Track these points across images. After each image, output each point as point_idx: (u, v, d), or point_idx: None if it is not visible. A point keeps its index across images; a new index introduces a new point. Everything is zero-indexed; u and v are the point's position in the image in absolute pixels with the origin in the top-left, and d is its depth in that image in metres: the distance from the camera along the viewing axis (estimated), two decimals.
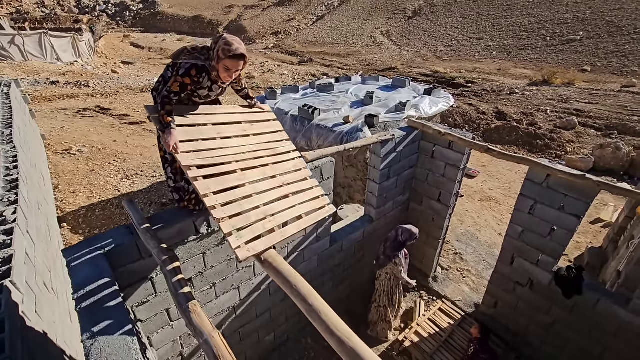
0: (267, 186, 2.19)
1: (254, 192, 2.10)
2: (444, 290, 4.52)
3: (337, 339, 1.46)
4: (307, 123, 5.44)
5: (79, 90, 12.65)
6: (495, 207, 6.75)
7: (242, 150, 2.29)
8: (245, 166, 2.21)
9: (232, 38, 2.07)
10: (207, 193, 1.94)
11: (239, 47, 2.04)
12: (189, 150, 2.06)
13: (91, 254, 2.07)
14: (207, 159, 2.09)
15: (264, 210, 2.06)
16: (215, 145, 2.20)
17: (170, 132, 2.00)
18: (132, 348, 1.52)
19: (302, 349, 3.79)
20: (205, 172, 2.02)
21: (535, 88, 14.59)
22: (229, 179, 2.07)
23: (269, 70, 18.59)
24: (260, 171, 2.25)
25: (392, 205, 4.20)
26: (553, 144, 10.01)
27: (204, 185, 1.96)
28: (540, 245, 3.31)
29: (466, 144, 3.50)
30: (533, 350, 3.69)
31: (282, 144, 2.56)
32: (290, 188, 2.29)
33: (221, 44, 2.04)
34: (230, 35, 2.11)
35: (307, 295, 1.66)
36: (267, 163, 2.34)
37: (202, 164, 2.05)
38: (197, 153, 2.08)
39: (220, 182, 2.02)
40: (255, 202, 2.06)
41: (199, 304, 1.63)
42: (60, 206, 5.98)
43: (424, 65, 19.64)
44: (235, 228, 1.87)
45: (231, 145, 2.26)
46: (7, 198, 3.32)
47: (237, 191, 2.05)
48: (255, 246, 1.87)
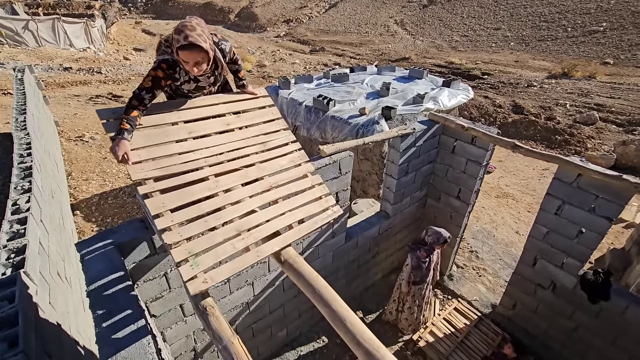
0: (249, 192, 1.86)
1: (228, 202, 1.77)
2: (459, 289, 4.41)
3: (365, 350, 1.37)
4: (321, 114, 5.31)
5: (91, 76, 12.66)
6: (512, 204, 6.56)
7: (220, 150, 1.94)
8: (221, 170, 1.87)
9: (185, 24, 1.69)
10: (160, 212, 1.60)
11: (189, 34, 1.65)
12: (146, 159, 1.73)
13: (105, 248, 2.01)
14: (167, 167, 1.75)
15: (238, 224, 1.73)
16: (184, 148, 1.86)
17: (118, 140, 1.64)
18: (147, 352, 1.45)
19: (314, 345, 3.74)
20: (163, 184, 1.69)
21: (555, 81, 14.12)
22: (194, 190, 1.74)
23: (280, 59, 18.36)
24: (241, 174, 1.91)
25: (409, 201, 4.08)
26: (572, 139, 9.69)
27: (157, 202, 1.63)
28: (566, 247, 3.16)
29: (491, 139, 3.34)
30: (553, 355, 3.57)
31: (276, 136, 2.18)
32: (281, 191, 1.95)
33: (172, 34, 1.70)
34: (189, 19, 1.73)
35: (330, 300, 1.57)
36: (253, 162, 1.99)
37: (160, 174, 1.72)
38: (155, 162, 1.74)
39: (182, 196, 1.70)
40: (227, 216, 1.73)
41: (217, 307, 1.55)
42: (74, 193, 6.00)
43: (439, 55, 19.17)
44: (192, 254, 1.55)
45: (206, 145, 1.92)
46: (21, 186, 3.29)
47: (205, 204, 1.71)
48: (216, 275, 1.55)
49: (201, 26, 1.75)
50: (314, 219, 1.93)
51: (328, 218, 1.97)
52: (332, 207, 2.02)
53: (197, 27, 1.71)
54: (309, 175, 2.11)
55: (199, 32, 1.70)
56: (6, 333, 1.94)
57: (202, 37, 1.71)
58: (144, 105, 1.79)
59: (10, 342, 1.93)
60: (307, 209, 1.94)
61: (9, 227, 2.72)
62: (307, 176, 2.10)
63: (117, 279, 1.88)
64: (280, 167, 2.05)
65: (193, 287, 1.49)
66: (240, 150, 2.00)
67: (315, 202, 2.00)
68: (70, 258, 3.83)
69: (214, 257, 1.60)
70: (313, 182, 2.08)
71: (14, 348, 1.89)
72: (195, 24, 1.73)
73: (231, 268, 1.61)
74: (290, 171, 2.07)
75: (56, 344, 2.42)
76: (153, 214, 1.61)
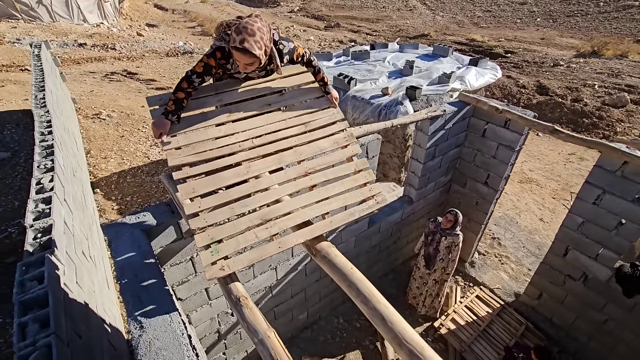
0: (281, 178, 1.76)
1: (257, 188, 1.70)
2: (481, 277, 4.32)
3: (408, 351, 1.29)
4: (342, 94, 5.12)
5: (106, 53, 12.55)
6: (537, 190, 6.35)
7: (257, 133, 1.85)
8: (255, 155, 1.79)
9: (247, 26, 1.64)
10: (191, 197, 1.59)
11: (246, 38, 1.62)
12: (184, 144, 1.71)
13: (132, 233, 1.97)
14: (203, 153, 1.72)
15: (265, 212, 1.65)
16: (222, 132, 1.81)
17: (161, 120, 1.69)
18: (182, 343, 1.41)
19: (333, 328, 3.75)
20: (196, 170, 1.68)
21: (583, 60, 13.39)
22: (225, 176, 1.69)
23: (294, 36, 17.86)
24: (275, 159, 1.81)
25: (433, 186, 3.94)
26: (601, 122, 9.24)
27: (188, 188, 1.62)
28: (602, 238, 3.01)
29: (527, 123, 3.14)
30: (579, 346, 3.49)
31: (321, 114, 2.01)
32: (318, 177, 1.81)
33: (233, 29, 1.67)
34: (253, 20, 1.68)
35: (369, 296, 1.49)
36: (291, 145, 1.87)
37: (195, 160, 1.70)
38: (192, 147, 1.72)
39: (212, 182, 1.66)
40: (255, 203, 1.66)
41: (250, 299, 1.49)
42: (93, 172, 6.04)
43: (459, 32, 18.34)
44: (215, 240, 1.53)
45: (243, 128, 1.85)
46: (44, 165, 3.27)
47: (233, 191, 1.67)
48: (234, 263, 1.51)
49: (262, 31, 1.69)
50: (352, 210, 1.77)
51: (369, 209, 1.79)
52: (376, 197, 1.83)
53: (256, 33, 1.66)
54: (354, 159, 1.92)
55: (257, 39, 1.66)
56: (37, 314, 1.94)
57: (259, 44, 1.67)
58: (193, 88, 1.78)
59: (41, 322, 1.94)
60: (346, 198, 1.78)
61: (34, 207, 2.71)
62: (352, 160, 1.92)
63: (146, 265, 1.85)
64: (320, 150, 1.89)
65: (210, 273, 1.47)
66: (278, 133, 1.88)
67: (356, 190, 1.83)
68: (93, 237, 3.87)
69: (235, 244, 1.56)
70: (358, 167, 1.90)
71: (45, 329, 1.90)
72: (256, 28, 1.67)
73: (251, 257, 1.55)
74: (333, 154, 1.90)
75: (84, 323, 2.44)
76: (183, 199, 1.58)
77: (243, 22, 1.68)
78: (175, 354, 1.39)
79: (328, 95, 2.07)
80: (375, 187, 1.87)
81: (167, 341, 1.44)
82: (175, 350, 1.40)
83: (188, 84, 1.75)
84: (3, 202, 4.26)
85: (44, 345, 1.80)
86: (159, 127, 1.68)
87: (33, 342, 1.81)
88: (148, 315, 1.55)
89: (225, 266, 1.50)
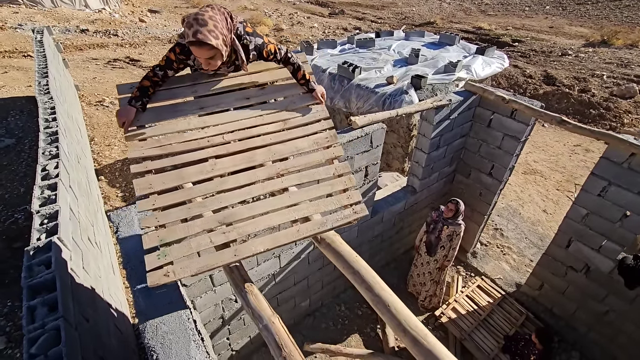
0: (249, 179, 1.62)
1: (220, 189, 1.56)
2: (482, 267, 4.34)
3: (412, 338, 1.31)
4: (346, 82, 5.07)
5: (108, 39, 12.45)
6: (541, 182, 6.31)
7: (230, 128, 1.71)
8: (225, 151, 1.65)
9: (197, 17, 1.51)
10: (145, 193, 1.46)
11: (199, 29, 1.48)
12: (149, 136, 1.60)
13: (137, 220, 1.98)
14: (168, 145, 1.60)
15: (225, 215, 1.50)
16: (191, 125, 1.69)
17: (126, 108, 1.60)
18: (188, 328, 1.43)
19: (335, 316, 3.80)
20: (157, 164, 1.56)
21: (592, 49, 13.15)
22: (187, 173, 1.56)
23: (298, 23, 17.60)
24: (245, 157, 1.66)
25: (437, 176, 3.93)
26: (608, 114, 9.12)
27: (144, 183, 1.49)
28: (606, 230, 3.00)
29: (534, 113, 3.10)
30: (578, 336, 3.53)
31: (302, 112, 1.87)
32: (291, 179, 1.66)
33: (184, 23, 1.53)
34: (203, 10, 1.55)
35: (373, 284, 1.50)
36: (265, 143, 1.72)
37: (158, 153, 1.57)
38: (157, 139, 1.60)
39: (172, 178, 1.54)
40: (215, 204, 1.52)
41: (255, 285, 1.51)
42: (97, 159, 6.06)
43: (466, 20, 18.01)
44: (164, 242, 1.39)
45: (215, 122, 1.72)
46: (49, 151, 3.28)
47: (196, 189, 1.54)
48: (180, 270, 1.37)
49: (214, 20, 1.55)
50: (326, 218, 1.59)
51: (346, 219, 1.62)
52: (355, 206, 1.66)
53: (208, 22, 1.52)
54: (335, 162, 1.77)
55: (210, 28, 1.51)
56: (45, 298, 1.98)
57: (214, 33, 1.52)
58: (158, 79, 1.70)
59: (50, 306, 1.97)
60: (320, 204, 1.63)
61: (40, 193, 2.74)
62: (332, 162, 1.77)
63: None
64: (298, 150, 1.74)
65: (152, 279, 1.31)
66: (253, 129, 1.74)
67: (334, 197, 1.67)
68: (98, 223, 3.91)
69: (186, 249, 1.40)
70: (338, 171, 1.74)
71: (53, 312, 1.94)
72: (207, 17, 1.53)
73: (201, 265, 1.39)
74: (311, 155, 1.75)
75: (91, 307, 2.49)
76: (138, 195, 1.47)
77: (193, 13, 1.54)
78: (181, 338, 1.41)
79: (313, 93, 1.92)
80: (355, 195, 1.71)
81: (173, 326, 1.47)
82: (182, 335, 1.42)
83: (153, 75, 1.69)
84: (9, 188, 4.30)
85: (52, 329, 1.84)
86: (122, 115, 1.60)
87: (42, 325, 1.85)
88: (154, 300, 1.58)
89: (171, 272, 1.35)
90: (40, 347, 1.74)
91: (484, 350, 3.37)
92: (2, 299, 3.15)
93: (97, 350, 2.17)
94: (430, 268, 3.61)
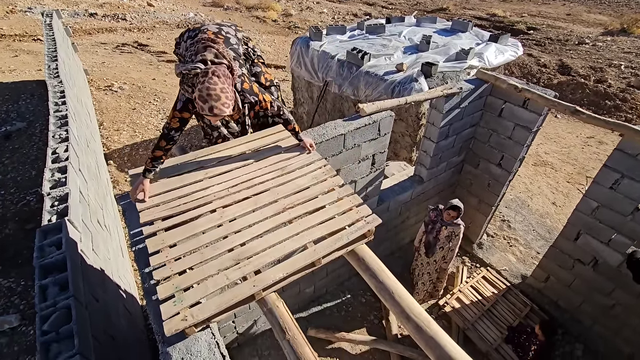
0: (257, 218, 1.70)
1: (230, 231, 1.62)
2: (488, 258, 4.32)
3: (415, 325, 1.32)
4: (355, 69, 4.99)
5: (116, 23, 12.41)
6: (551, 174, 6.21)
7: (233, 183, 1.88)
8: (231, 201, 1.77)
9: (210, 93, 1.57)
10: (159, 249, 1.52)
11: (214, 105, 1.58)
12: (157, 204, 1.74)
13: None
14: (177, 207, 1.73)
15: (237, 253, 1.54)
16: (197, 187, 1.85)
17: (141, 180, 1.77)
18: None
19: (339, 303, 3.84)
20: (169, 223, 1.66)
21: (610, 38, 12.74)
22: (197, 224, 1.65)
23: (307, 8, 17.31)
24: (251, 201, 1.78)
25: (445, 166, 3.89)
26: (624, 105, 8.88)
27: (157, 240, 1.56)
28: (617, 224, 2.95)
29: (547, 102, 3.03)
30: (583, 329, 3.52)
31: (297, 159, 2.08)
32: (297, 210, 1.75)
33: (196, 95, 1.61)
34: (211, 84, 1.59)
35: (377, 271, 1.51)
36: (268, 188, 1.86)
37: (168, 214, 1.69)
38: (165, 204, 1.74)
39: (184, 231, 1.62)
40: (226, 245, 1.57)
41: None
42: (106, 143, 6.12)
43: (480, 6, 17.52)
44: (180, 289, 1.38)
45: (219, 181, 1.89)
46: (59, 135, 3.32)
47: (204, 236, 1.60)
48: (199, 311, 1.33)
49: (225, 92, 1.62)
50: (339, 235, 1.64)
51: (360, 231, 1.66)
52: (366, 218, 1.72)
53: (221, 96, 1.60)
54: (336, 189, 1.89)
55: (223, 101, 1.61)
56: (57, 277, 2.03)
57: (226, 104, 1.63)
58: (173, 142, 1.85)
59: (61, 286, 2.03)
60: (330, 225, 1.68)
61: (51, 175, 2.78)
62: (333, 190, 1.89)
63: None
64: (299, 187, 1.87)
65: (168, 327, 1.27)
66: (255, 179, 1.92)
67: (342, 216, 1.74)
68: (107, 207, 3.97)
69: (203, 291, 1.39)
70: (341, 194, 1.85)
71: (64, 292, 1.99)
72: (219, 90, 1.59)
73: (220, 302, 1.37)
74: (312, 188, 1.88)
75: (101, 288, 2.55)
76: (150, 252, 1.52)
77: (204, 87, 1.59)
78: None
79: (301, 143, 2.13)
80: (364, 209, 1.77)
81: None
82: None
83: (167, 142, 1.81)
84: (20, 171, 4.38)
85: (63, 307, 1.88)
86: (139, 188, 1.75)
87: (53, 303, 1.89)
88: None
89: (189, 315, 1.32)
90: (52, 325, 1.79)
91: (487, 340, 3.39)
92: (16, 278, 3.24)
93: (107, 329, 2.24)
94: (430, 269, 3.59)
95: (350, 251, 1.62)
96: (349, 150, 2.78)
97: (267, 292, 1.45)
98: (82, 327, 1.82)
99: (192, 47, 1.94)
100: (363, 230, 1.67)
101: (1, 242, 3.51)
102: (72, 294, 1.94)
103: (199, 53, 1.79)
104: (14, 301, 3.08)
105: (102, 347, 2.03)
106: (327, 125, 2.62)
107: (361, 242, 1.68)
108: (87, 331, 1.86)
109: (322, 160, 2.09)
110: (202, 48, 1.83)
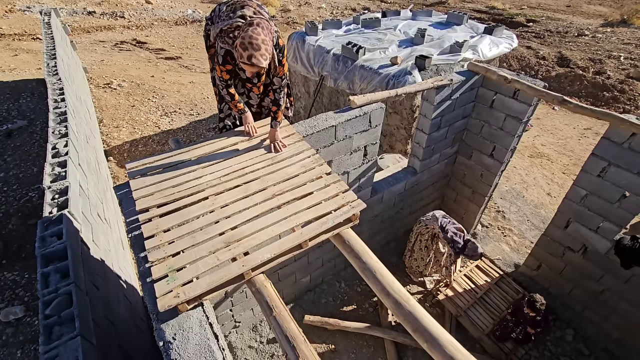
0: (247, 204, 1.79)
1: (222, 216, 1.72)
2: (482, 248, 4.37)
3: (394, 301, 1.39)
4: (350, 63, 5.04)
5: (115, 21, 12.45)
6: (547, 165, 6.26)
7: (225, 172, 2.00)
8: (222, 189, 1.89)
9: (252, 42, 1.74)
10: (153, 233, 1.63)
11: (254, 54, 1.75)
12: (152, 193, 1.84)
13: None
14: (171, 195, 1.83)
15: (228, 236, 1.63)
16: (191, 176, 1.95)
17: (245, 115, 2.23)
18: None
19: (335, 292, 3.92)
20: (163, 210, 1.76)
21: (610, 29, 12.68)
22: (190, 210, 1.75)
23: (305, 3, 17.26)
24: (242, 189, 1.89)
25: (438, 157, 3.94)
26: (622, 96, 8.87)
27: (152, 225, 1.67)
28: (604, 211, 3.02)
29: (536, 93, 3.08)
30: (573, 315, 3.59)
31: (287, 149, 2.20)
32: (285, 197, 1.85)
33: (238, 43, 1.78)
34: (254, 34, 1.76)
35: (360, 252, 1.59)
36: (258, 176, 1.98)
37: (163, 202, 1.80)
38: (160, 193, 1.84)
39: (178, 217, 1.72)
40: (217, 229, 1.66)
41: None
42: (106, 140, 6.21)
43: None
44: (173, 269, 1.47)
45: (211, 171, 2.01)
46: (58, 130, 3.40)
47: (197, 222, 1.70)
48: (190, 289, 1.41)
49: (266, 44, 1.79)
50: (325, 219, 1.73)
51: (345, 214, 1.75)
52: (351, 203, 1.82)
53: (261, 47, 1.77)
54: (324, 176, 2.00)
55: (262, 52, 1.77)
56: (58, 265, 2.12)
57: (265, 56, 1.79)
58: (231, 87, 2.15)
59: (62, 273, 2.11)
60: (318, 209, 1.78)
61: (51, 170, 2.86)
62: (321, 177, 1.99)
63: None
64: (288, 176, 1.98)
65: (162, 304, 1.35)
66: (246, 169, 2.03)
67: (329, 201, 1.84)
68: (107, 201, 4.06)
69: (194, 270, 1.48)
70: (328, 182, 1.95)
71: (65, 279, 2.08)
72: (261, 41, 1.76)
73: (210, 281, 1.45)
74: (300, 176, 1.99)
75: (102, 277, 2.64)
76: (146, 236, 1.61)
77: (247, 35, 1.75)
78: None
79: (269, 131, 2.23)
80: (350, 194, 1.86)
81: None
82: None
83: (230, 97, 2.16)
84: (23, 168, 4.47)
85: (65, 293, 1.97)
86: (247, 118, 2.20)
87: (55, 289, 1.98)
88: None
89: (181, 293, 1.39)
90: (54, 309, 1.88)
91: (479, 326, 3.47)
92: (20, 271, 3.34)
93: (107, 315, 2.32)
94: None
95: (336, 235, 1.69)
96: (341, 142, 2.84)
97: (256, 273, 1.54)
98: (83, 312, 1.91)
99: (228, 9, 2.10)
100: (348, 214, 1.75)
101: (5, 237, 3.61)
102: (73, 280, 2.03)
103: (237, 10, 1.99)
104: (18, 293, 3.19)
105: (103, 331, 2.11)
106: (318, 117, 2.68)
107: (347, 225, 1.75)
108: (87, 315, 1.95)
109: (311, 150, 2.19)
110: (239, 7, 2.02)
